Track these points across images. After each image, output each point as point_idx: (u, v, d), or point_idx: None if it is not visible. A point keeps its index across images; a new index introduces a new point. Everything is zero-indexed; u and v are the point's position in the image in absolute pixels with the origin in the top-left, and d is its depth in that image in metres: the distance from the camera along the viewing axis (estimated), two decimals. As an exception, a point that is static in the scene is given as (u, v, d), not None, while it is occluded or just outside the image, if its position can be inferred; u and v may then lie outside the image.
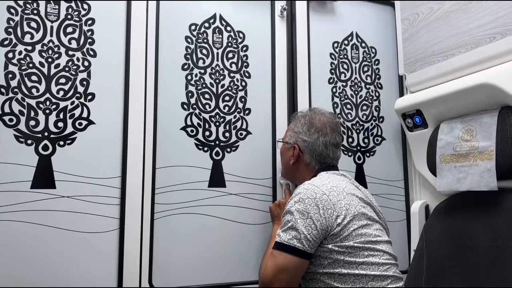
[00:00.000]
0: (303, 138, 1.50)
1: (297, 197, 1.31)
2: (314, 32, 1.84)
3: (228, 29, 1.72)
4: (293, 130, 1.54)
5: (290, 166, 1.53)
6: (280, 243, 1.27)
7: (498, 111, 1.41)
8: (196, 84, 1.64)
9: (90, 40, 1.50)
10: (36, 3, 1.45)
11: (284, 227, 1.29)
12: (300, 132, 1.51)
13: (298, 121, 1.55)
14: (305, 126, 1.52)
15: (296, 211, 1.28)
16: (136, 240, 1.46)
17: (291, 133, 1.54)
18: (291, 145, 1.52)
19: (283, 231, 1.28)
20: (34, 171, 1.38)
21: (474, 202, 1.46)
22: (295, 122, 1.56)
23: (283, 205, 1.50)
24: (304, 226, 1.25)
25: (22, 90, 1.40)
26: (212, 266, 1.57)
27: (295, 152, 1.50)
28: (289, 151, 1.53)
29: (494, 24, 1.43)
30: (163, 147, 1.55)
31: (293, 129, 1.54)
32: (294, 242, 1.24)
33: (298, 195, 1.32)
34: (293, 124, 1.56)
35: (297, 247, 1.24)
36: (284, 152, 1.57)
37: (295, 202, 1.30)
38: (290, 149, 1.53)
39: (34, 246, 1.35)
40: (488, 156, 1.40)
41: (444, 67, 1.62)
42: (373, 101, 1.93)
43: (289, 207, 1.31)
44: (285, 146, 1.56)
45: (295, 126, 1.54)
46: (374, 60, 1.95)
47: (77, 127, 1.45)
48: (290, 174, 1.58)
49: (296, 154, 1.50)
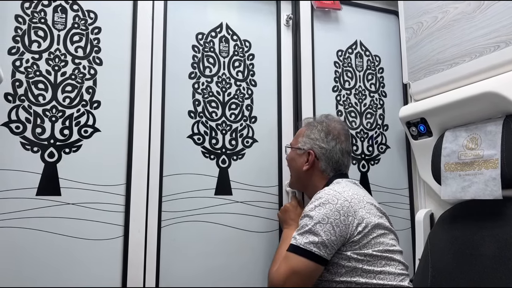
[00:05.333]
0: (321, 145, 1.48)
1: (318, 201, 1.29)
2: (319, 40, 1.85)
3: (235, 38, 1.73)
4: (308, 137, 1.51)
5: (303, 172, 1.49)
6: (296, 246, 1.24)
7: (503, 120, 1.42)
8: (203, 93, 1.65)
9: (96, 48, 1.51)
10: (43, 12, 1.46)
11: (301, 230, 1.26)
12: (317, 139, 1.49)
13: (313, 127, 1.52)
14: (322, 133, 1.50)
15: (316, 215, 1.26)
16: (140, 248, 1.45)
17: (305, 139, 1.51)
18: (305, 151, 1.49)
19: (300, 234, 1.26)
20: (40, 178, 1.38)
21: (479, 211, 1.46)
22: (310, 129, 1.52)
23: (290, 210, 1.50)
24: (323, 231, 1.23)
25: (29, 97, 1.41)
26: (219, 274, 1.56)
27: (310, 158, 1.47)
28: (301, 157, 1.50)
29: (498, 33, 1.44)
30: (170, 155, 1.56)
31: (308, 135, 1.51)
32: (311, 246, 1.22)
33: (319, 200, 1.30)
34: (307, 130, 1.53)
35: (314, 251, 1.22)
36: (294, 158, 1.53)
37: (316, 207, 1.28)
38: (302, 155, 1.50)
39: (38, 253, 1.35)
40: (493, 165, 1.40)
41: (448, 75, 1.62)
42: (377, 109, 1.93)
43: (308, 211, 1.29)
44: (297, 152, 1.52)
45: (310, 132, 1.51)
46: (378, 68, 1.96)
47: (83, 135, 1.46)
48: (300, 181, 1.54)
49: (311, 160, 1.47)
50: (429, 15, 1.72)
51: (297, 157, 1.52)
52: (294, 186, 1.60)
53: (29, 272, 1.33)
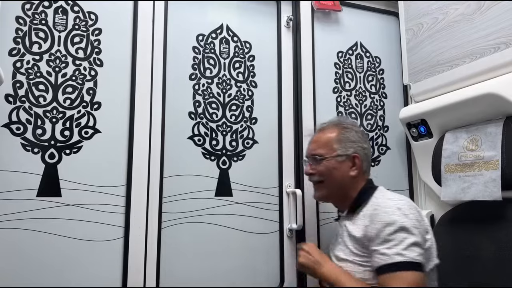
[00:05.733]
0: (363, 146, 1.42)
1: (400, 211, 1.22)
2: (319, 42, 1.86)
3: (235, 40, 1.73)
4: (349, 140, 1.41)
5: (349, 179, 1.39)
6: (410, 262, 1.15)
7: (503, 121, 1.42)
8: (204, 94, 1.65)
9: (97, 49, 1.51)
10: (44, 13, 1.46)
11: (404, 245, 1.17)
12: (358, 141, 1.42)
13: (349, 130, 1.44)
14: (359, 133, 1.44)
15: (409, 226, 1.19)
16: (140, 249, 1.46)
17: (346, 143, 1.40)
18: (348, 156, 1.39)
19: (406, 249, 1.17)
20: (40, 179, 1.39)
21: (479, 212, 1.46)
22: (347, 132, 1.43)
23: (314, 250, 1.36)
24: (421, 240, 1.20)
25: (30, 99, 1.41)
26: (219, 275, 1.56)
27: (358, 162, 1.39)
28: (343, 164, 1.39)
29: (498, 34, 1.44)
30: (170, 156, 1.56)
31: (347, 138, 1.41)
32: (420, 258, 1.17)
33: (400, 210, 1.22)
34: (344, 134, 1.42)
35: (423, 263, 1.18)
36: (336, 167, 1.39)
37: (404, 216, 1.21)
38: (345, 161, 1.39)
39: (38, 254, 1.35)
40: (493, 166, 1.41)
41: (448, 77, 1.62)
42: (377, 111, 1.93)
43: (400, 223, 1.20)
44: (337, 160, 1.39)
45: (349, 135, 1.42)
46: (378, 69, 1.96)
47: (83, 136, 1.46)
48: (342, 190, 1.41)
49: (359, 164, 1.39)
50: (429, 17, 1.72)
51: (338, 165, 1.39)
52: (331, 197, 1.46)
53: (29, 273, 1.33)
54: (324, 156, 1.40)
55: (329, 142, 1.42)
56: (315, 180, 1.44)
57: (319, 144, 1.44)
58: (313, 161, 1.44)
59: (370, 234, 1.23)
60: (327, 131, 1.46)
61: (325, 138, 1.44)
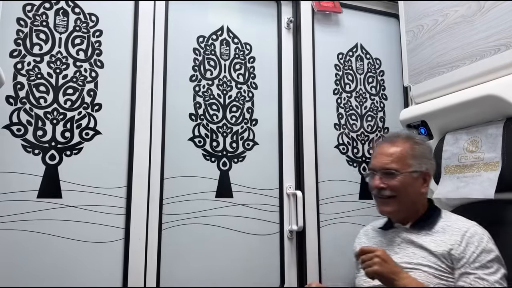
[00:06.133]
0: (432, 162, 1.39)
1: (492, 241, 1.25)
2: (319, 43, 1.86)
3: (236, 41, 1.74)
4: (424, 156, 1.37)
5: (419, 195, 1.35)
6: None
7: (503, 123, 1.42)
8: (204, 95, 1.65)
9: (98, 51, 1.52)
10: (45, 15, 1.47)
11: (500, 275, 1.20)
12: (431, 158, 1.39)
13: (420, 145, 1.38)
14: (427, 149, 1.40)
15: (500, 258, 1.23)
16: (141, 250, 1.46)
17: (422, 160, 1.35)
18: (422, 173, 1.35)
19: (501, 279, 1.20)
20: (41, 181, 1.39)
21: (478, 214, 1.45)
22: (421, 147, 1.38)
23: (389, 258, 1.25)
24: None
25: (30, 100, 1.41)
26: (220, 276, 1.57)
27: (428, 179, 1.36)
28: (417, 180, 1.34)
29: (498, 36, 1.44)
30: (171, 158, 1.56)
31: (423, 154, 1.37)
32: None
33: (492, 240, 1.25)
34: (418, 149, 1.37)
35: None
36: (411, 183, 1.33)
37: (495, 247, 1.24)
38: (419, 178, 1.34)
39: (39, 255, 1.35)
40: (493, 167, 1.41)
41: (448, 78, 1.62)
42: (378, 112, 1.93)
43: (497, 253, 1.23)
44: (412, 176, 1.33)
45: (424, 151, 1.38)
46: (378, 71, 1.97)
47: (84, 137, 1.46)
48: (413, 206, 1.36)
49: (429, 181, 1.36)
50: (429, 18, 1.72)
51: (412, 181, 1.33)
52: (401, 213, 1.37)
53: (30, 274, 1.33)
54: (400, 172, 1.33)
55: (404, 156, 1.35)
56: (386, 195, 1.35)
57: (393, 157, 1.35)
58: (384, 175, 1.35)
59: (462, 255, 1.23)
60: (399, 144, 1.38)
61: (399, 152, 1.36)
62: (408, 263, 1.28)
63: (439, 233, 1.29)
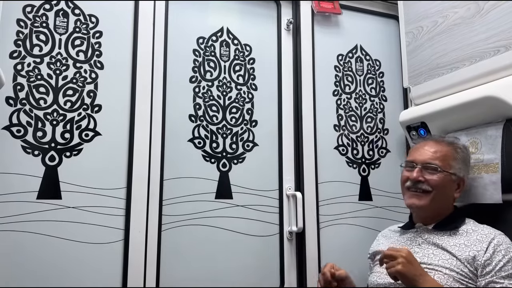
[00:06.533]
0: (469, 170, 1.42)
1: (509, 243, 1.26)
2: (319, 44, 1.86)
3: (235, 42, 1.74)
4: (464, 163, 1.40)
5: (452, 199, 1.38)
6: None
7: (503, 124, 1.42)
8: (204, 97, 1.66)
9: (98, 52, 1.52)
10: (45, 16, 1.47)
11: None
12: (467, 165, 1.42)
13: (461, 151, 1.42)
14: (468, 157, 1.43)
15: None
16: (140, 252, 1.46)
17: (461, 164, 1.39)
18: (459, 177, 1.37)
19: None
20: (41, 182, 1.39)
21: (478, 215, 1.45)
22: (463, 153, 1.42)
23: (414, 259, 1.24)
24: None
25: (30, 101, 1.41)
26: (219, 278, 1.56)
27: (463, 186, 1.39)
28: (453, 183, 1.37)
29: (498, 38, 1.44)
30: (170, 159, 1.56)
31: (463, 159, 1.40)
32: None
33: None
34: (460, 154, 1.40)
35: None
36: (447, 185, 1.35)
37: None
38: (455, 182, 1.37)
39: (38, 256, 1.35)
40: (493, 169, 1.41)
41: (448, 79, 1.62)
42: (377, 114, 1.93)
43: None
44: (451, 178, 1.36)
45: (466, 157, 1.42)
46: (378, 72, 1.97)
47: (84, 138, 1.46)
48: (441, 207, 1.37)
49: (462, 188, 1.39)
50: (429, 20, 1.72)
51: (450, 183, 1.36)
52: (428, 209, 1.37)
53: (29, 275, 1.33)
54: (442, 169, 1.34)
55: (448, 157, 1.37)
56: (422, 188, 1.35)
57: (437, 155, 1.37)
58: (425, 169, 1.36)
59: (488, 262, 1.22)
60: (444, 145, 1.40)
61: (444, 151, 1.38)
62: (428, 264, 1.27)
63: (463, 236, 1.29)
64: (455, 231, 1.31)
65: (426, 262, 1.27)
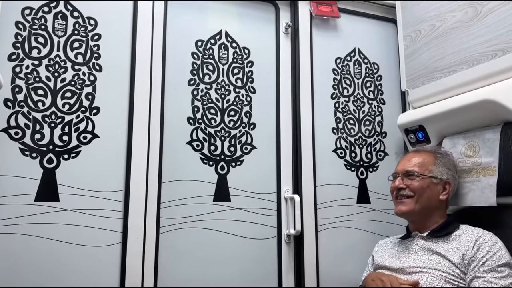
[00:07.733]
0: (455, 176, 1.47)
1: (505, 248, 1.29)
2: (317, 48, 1.86)
3: (234, 45, 1.74)
4: (445, 166, 1.46)
5: (437, 202, 1.43)
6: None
7: (500, 127, 1.42)
8: (202, 99, 1.66)
9: (96, 55, 1.52)
10: (44, 18, 1.47)
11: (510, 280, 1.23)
12: (453, 170, 1.47)
13: (443, 157, 1.49)
14: (449, 161, 1.49)
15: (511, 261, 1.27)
16: (138, 254, 1.45)
17: (442, 168, 1.45)
18: (442, 180, 1.43)
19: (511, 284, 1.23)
20: (38, 184, 1.39)
21: (476, 218, 1.46)
22: (443, 158, 1.48)
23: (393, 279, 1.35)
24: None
25: (28, 103, 1.41)
26: (217, 280, 1.56)
27: (449, 188, 1.44)
28: (436, 186, 1.43)
29: (495, 41, 1.45)
30: (168, 162, 1.56)
31: (444, 164, 1.46)
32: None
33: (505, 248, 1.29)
34: (440, 159, 1.47)
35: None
36: (430, 187, 1.42)
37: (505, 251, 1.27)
38: (438, 185, 1.43)
39: (36, 259, 1.35)
40: (491, 172, 1.41)
41: (446, 83, 1.63)
42: (375, 117, 1.94)
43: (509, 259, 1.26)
44: (432, 181, 1.43)
45: (446, 162, 1.48)
46: (376, 76, 1.97)
47: (82, 141, 1.46)
48: (427, 210, 1.42)
49: (449, 190, 1.44)
50: (427, 23, 1.73)
51: (432, 186, 1.43)
52: (414, 214, 1.43)
53: (27, 278, 1.33)
54: (420, 174, 1.43)
55: (426, 163, 1.46)
56: (404, 194, 1.43)
57: (416, 163, 1.46)
58: (406, 177, 1.45)
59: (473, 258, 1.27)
60: (423, 154, 1.49)
61: (421, 159, 1.47)
62: (423, 267, 1.33)
63: (455, 241, 1.34)
64: (448, 237, 1.36)
65: (421, 266, 1.33)
